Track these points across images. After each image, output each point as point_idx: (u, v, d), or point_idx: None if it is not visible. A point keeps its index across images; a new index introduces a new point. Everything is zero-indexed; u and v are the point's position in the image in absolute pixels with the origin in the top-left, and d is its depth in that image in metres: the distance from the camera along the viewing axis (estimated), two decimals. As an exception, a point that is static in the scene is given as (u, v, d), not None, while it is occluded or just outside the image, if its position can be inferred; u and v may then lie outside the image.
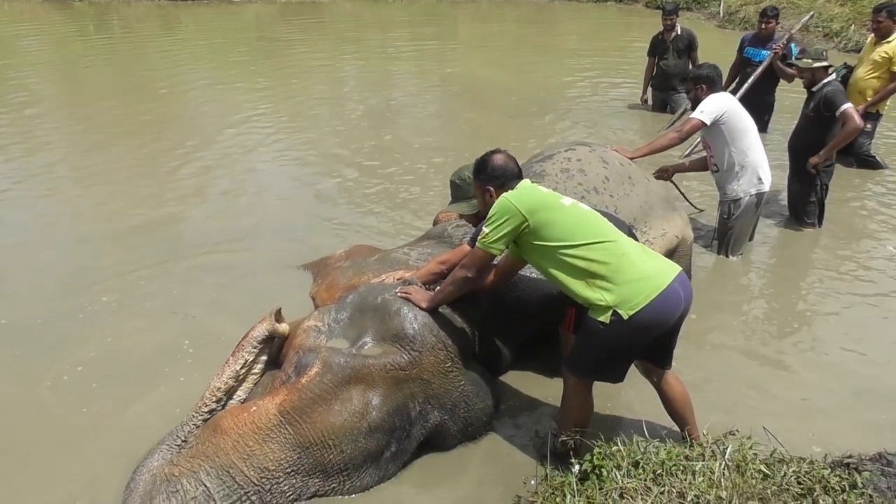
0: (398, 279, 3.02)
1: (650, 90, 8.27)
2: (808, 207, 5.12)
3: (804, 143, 5.02)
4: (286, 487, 2.55)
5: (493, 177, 2.76)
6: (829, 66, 4.96)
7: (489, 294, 3.03)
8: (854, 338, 3.80)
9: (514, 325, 3.17)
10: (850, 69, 6.17)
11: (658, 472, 2.37)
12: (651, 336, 2.58)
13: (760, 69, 6.69)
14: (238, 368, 2.77)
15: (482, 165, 2.81)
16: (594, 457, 2.47)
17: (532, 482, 2.63)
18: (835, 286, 4.37)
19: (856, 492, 2.26)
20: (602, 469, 2.42)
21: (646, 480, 2.34)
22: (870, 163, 6.29)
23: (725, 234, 4.67)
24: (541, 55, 12.17)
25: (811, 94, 5.01)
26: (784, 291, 4.36)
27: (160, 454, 2.63)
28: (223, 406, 2.74)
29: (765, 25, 6.98)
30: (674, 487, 2.30)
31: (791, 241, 5.06)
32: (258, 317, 3.80)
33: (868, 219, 5.39)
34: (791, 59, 6.53)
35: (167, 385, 3.38)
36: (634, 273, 2.52)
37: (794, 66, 5.37)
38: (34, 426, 3.12)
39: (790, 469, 2.37)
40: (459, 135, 7.61)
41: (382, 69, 11.27)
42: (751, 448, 2.47)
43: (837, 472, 2.38)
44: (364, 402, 2.61)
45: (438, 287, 2.85)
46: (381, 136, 7.50)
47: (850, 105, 4.78)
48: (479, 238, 2.65)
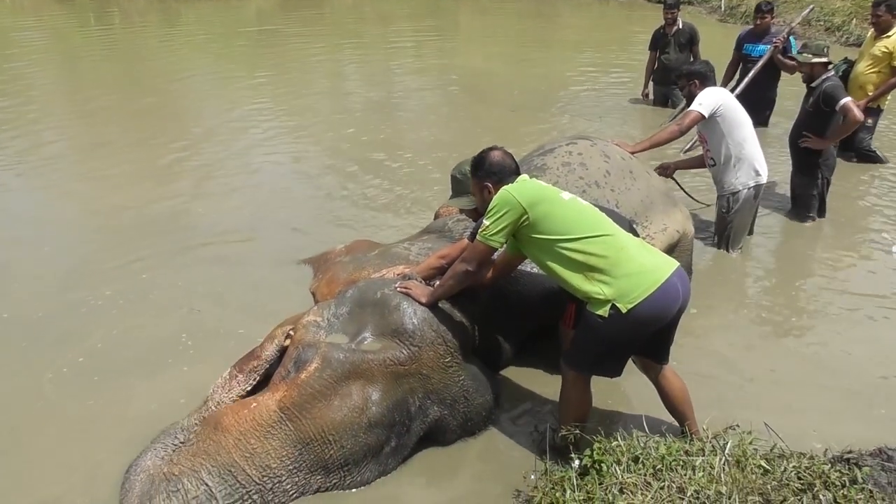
0: (398, 274, 3.02)
1: (651, 84, 8.26)
2: (810, 201, 5.12)
3: (803, 137, 5.02)
4: (289, 486, 2.54)
5: (491, 173, 2.78)
6: (829, 63, 4.95)
7: (489, 289, 3.02)
8: (855, 332, 3.79)
9: (515, 321, 3.17)
10: (851, 64, 6.15)
11: (658, 468, 2.37)
12: (649, 330, 2.58)
13: (760, 63, 6.69)
14: (246, 388, 2.78)
15: (480, 162, 2.83)
16: (594, 452, 2.48)
17: (532, 477, 2.64)
18: (835, 281, 4.36)
19: (856, 487, 2.26)
20: (602, 464, 2.43)
21: (645, 475, 2.34)
22: (871, 157, 6.28)
23: (725, 229, 4.66)
24: (542, 49, 12.15)
25: (811, 90, 5.01)
26: (784, 286, 4.36)
27: (155, 453, 2.58)
28: None
29: (760, 21, 6.99)
30: (673, 482, 2.30)
31: (791, 235, 5.05)
32: (259, 311, 3.87)
33: (869, 213, 5.38)
34: (791, 53, 6.53)
35: (170, 376, 3.39)
36: (633, 267, 2.52)
37: (795, 61, 5.35)
38: (37, 418, 3.12)
39: (790, 464, 2.37)
40: (460, 129, 7.59)
41: (383, 63, 11.25)
42: (751, 443, 2.47)
43: (838, 468, 2.38)
44: (364, 398, 2.61)
45: (438, 282, 2.85)
46: (382, 130, 7.49)
47: (850, 98, 4.78)
48: (480, 231, 2.65)
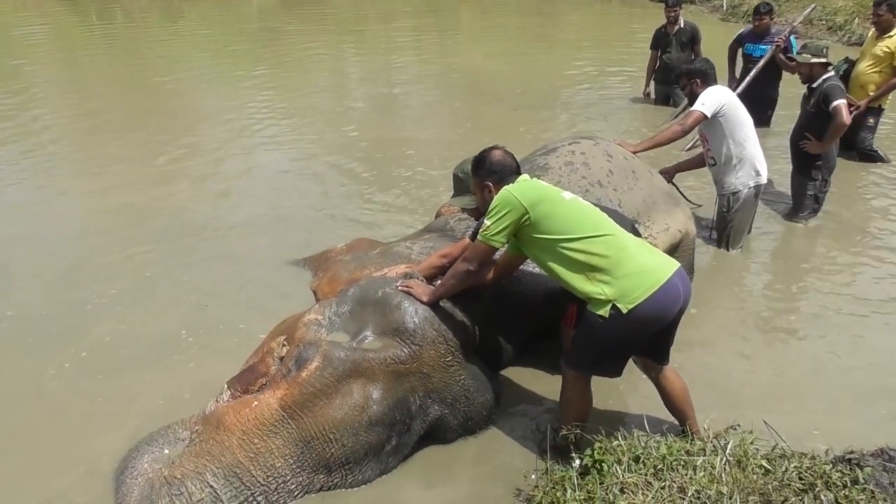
0: (399, 273, 3.01)
1: (653, 83, 8.24)
2: (805, 201, 5.13)
3: (804, 139, 5.01)
4: (293, 486, 2.54)
5: (492, 172, 2.78)
6: (829, 64, 4.94)
7: (491, 289, 3.02)
8: (856, 332, 3.79)
9: (516, 320, 3.16)
10: (852, 63, 6.14)
11: (659, 467, 2.37)
12: (650, 330, 2.57)
13: (762, 63, 6.68)
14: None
15: (480, 161, 2.82)
16: (595, 451, 2.48)
17: (532, 476, 2.64)
18: (836, 281, 4.36)
19: (857, 487, 2.25)
20: (603, 464, 2.43)
21: (646, 475, 2.34)
22: (872, 157, 6.27)
23: (725, 228, 4.67)
24: (543, 47, 12.14)
25: (811, 91, 5.00)
26: (785, 286, 4.35)
27: (151, 456, 2.53)
28: None
29: (758, 22, 6.99)
30: (674, 482, 2.29)
31: (791, 235, 5.05)
32: (260, 309, 3.88)
33: (870, 213, 5.37)
34: (792, 53, 6.52)
35: (175, 372, 3.42)
36: (634, 267, 2.51)
37: (794, 61, 5.34)
38: (40, 414, 3.14)
39: (792, 464, 2.37)
40: (462, 127, 7.58)
41: (385, 61, 11.25)
42: (752, 443, 2.47)
43: (839, 468, 2.37)
44: (365, 396, 2.60)
45: (440, 281, 2.85)
46: (384, 128, 7.48)
47: (843, 101, 4.77)
48: (481, 231, 2.65)
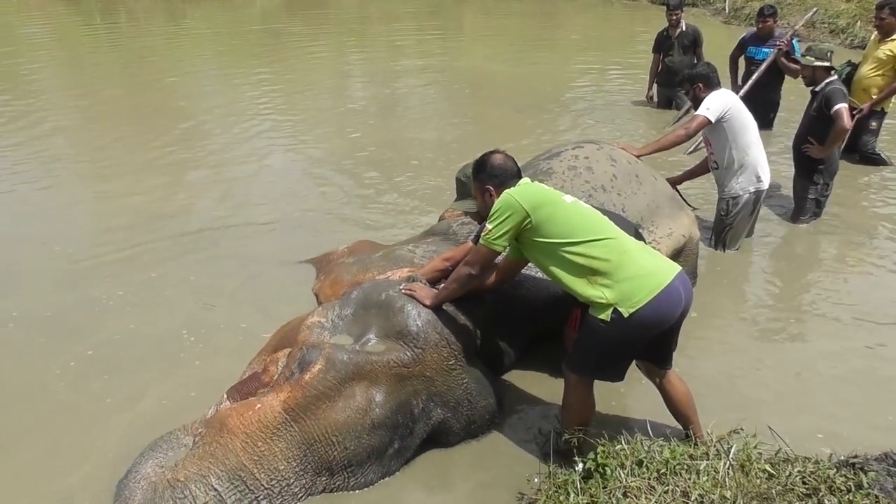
0: (402, 276, 3.01)
1: (655, 86, 8.24)
2: (807, 204, 5.14)
3: (807, 142, 5.02)
4: (297, 488, 2.53)
5: (493, 176, 2.76)
6: (832, 69, 4.95)
7: (494, 293, 3.02)
8: (859, 336, 3.77)
9: (519, 324, 3.16)
10: (855, 67, 6.14)
11: (662, 471, 2.37)
12: (651, 334, 2.57)
13: (764, 66, 6.68)
14: None
15: (481, 165, 2.81)
16: (598, 455, 2.47)
17: (535, 480, 2.64)
18: (838, 283, 4.35)
19: (861, 492, 2.25)
20: (606, 467, 2.42)
21: (650, 479, 2.34)
22: (874, 160, 6.26)
23: (722, 231, 4.70)
24: (546, 49, 12.14)
25: (814, 94, 5.02)
26: (787, 289, 4.34)
27: (154, 460, 2.52)
28: None
29: (762, 24, 6.98)
30: (678, 486, 2.29)
31: (793, 238, 5.04)
32: (263, 309, 3.89)
33: (872, 216, 5.36)
34: (795, 55, 6.53)
35: (181, 371, 3.44)
36: (635, 270, 2.51)
37: (798, 63, 5.34)
38: (45, 412, 3.15)
39: (795, 469, 2.36)
40: (466, 130, 7.58)
41: (388, 63, 11.25)
42: (755, 447, 2.46)
43: (843, 472, 2.36)
44: (367, 399, 2.60)
45: (443, 284, 2.84)
46: (387, 130, 7.49)
47: (845, 105, 4.78)
48: (483, 234, 2.64)
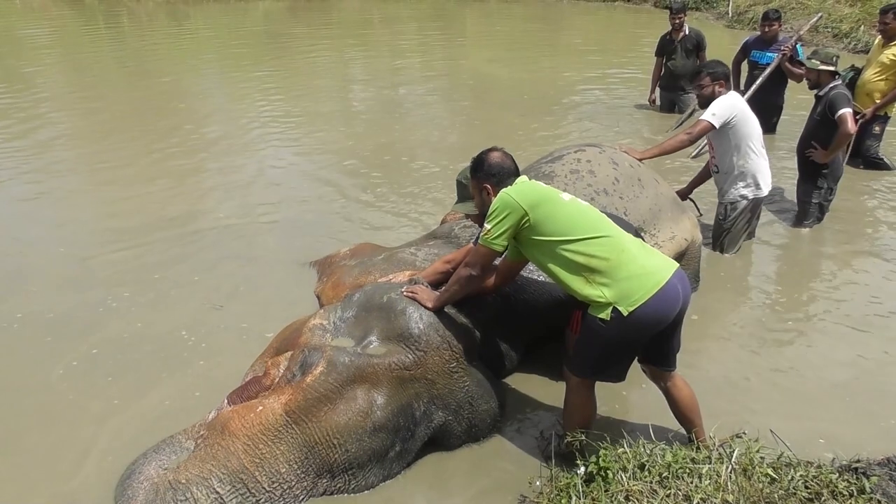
0: (404, 279, 3.01)
1: (658, 90, 8.25)
2: (810, 209, 5.14)
3: (811, 147, 5.01)
4: (298, 491, 2.53)
5: (490, 174, 2.75)
6: (837, 73, 4.95)
7: (495, 295, 3.01)
8: (862, 341, 3.76)
9: (521, 327, 3.15)
10: (858, 71, 6.13)
11: (664, 475, 2.36)
12: (650, 332, 2.56)
13: (768, 70, 6.68)
14: None
15: (479, 163, 2.80)
16: (600, 458, 2.46)
17: (537, 483, 2.63)
18: (841, 287, 4.34)
19: (864, 497, 2.24)
20: (608, 471, 2.41)
21: (652, 483, 2.33)
22: (878, 165, 6.25)
23: (720, 235, 4.72)
24: (548, 53, 12.17)
25: (818, 99, 5.03)
26: (789, 293, 4.33)
27: (157, 461, 2.53)
28: None
29: (767, 28, 7.00)
30: (680, 490, 2.29)
31: (796, 242, 5.04)
32: (265, 308, 3.90)
33: (874, 220, 5.35)
34: (799, 58, 6.52)
35: (186, 371, 3.46)
36: (634, 269, 2.51)
37: (803, 66, 5.34)
38: (48, 411, 3.16)
39: (798, 473, 2.36)
40: (468, 132, 7.59)
41: (390, 66, 11.28)
42: (758, 451, 2.46)
43: (845, 477, 2.36)
44: (368, 402, 2.60)
45: (444, 287, 2.84)
46: (389, 133, 7.50)
47: (849, 110, 4.78)
48: (482, 235, 2.64)
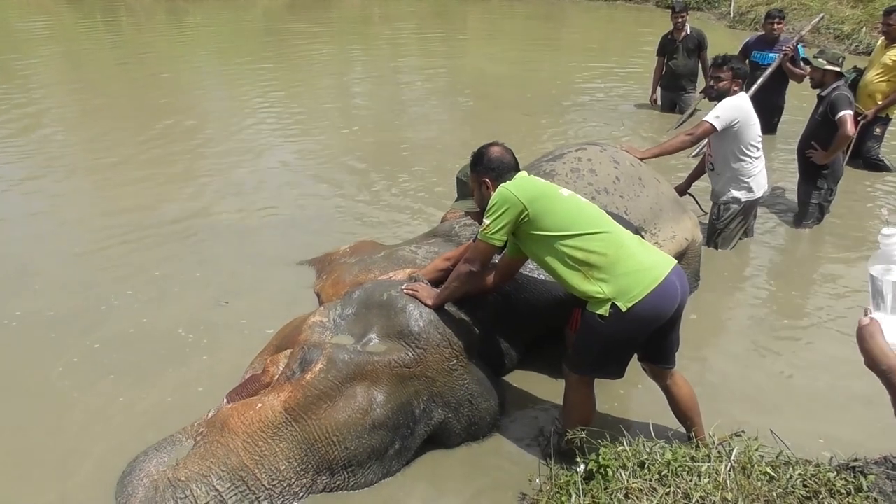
0: (404, 277, 3.01)
1: (659, 90, 8.24)
2: (810, 209, 5.15)
3: (811, 147, 5.02)
4: (298, 488, 2.54)
5: (490, 168, 2.74)
6: (841, 75, 4.96)
7: (496, 294, 3.02)
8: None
9: (521, 325, 3.16)
10: (860, 73, 6.14)
11: (663, 473, 2.36)
12: (649, 329, 2.57)
13: (770, 70, 6.67)
14: None
15: (479, 157, 2.80)
16: (599, 456, 2.46)
17: (536, 481, 2.63)
18: (840, 287, 4.34)
19: (861, 495, 2.24)
20: (607, 469, 2.41)
21: (651, 481, 2.33)
22: (878, 166, 6.26)
23: (713, 234, 4.76)
24: (551, 52, 12.16)
25: (820, 99, 5.03)
26: (789, 292, 4.33)
27: (157, 458, 2.53)
28: None
29: (771, 28, 6.98)
30: (679, 488, 2.29)
31: (796, 242, 5.05)
32: (269, 307, 3.90)
33: (874, 221, 5.34)
34: (802, 56, 6.52)
35: (189, 367, 3.49)
36: (632, 265, 2.51)
37: (808, 65, 5.33)
38: (50, 410, 3.17)
39: (796, 471, 2.36)
40: (470, 131, 7.57)
41: (391, 64, 11.27)
42: (757, 450, 2.46)
43: (843, 475, 2.36)
44: (368, 399, 2.60)
45: (444, 284, 2.84)
46: (390, 131, 7.50)
47: (849, 112, 4.79)
48: (481, 230, 2.64)
